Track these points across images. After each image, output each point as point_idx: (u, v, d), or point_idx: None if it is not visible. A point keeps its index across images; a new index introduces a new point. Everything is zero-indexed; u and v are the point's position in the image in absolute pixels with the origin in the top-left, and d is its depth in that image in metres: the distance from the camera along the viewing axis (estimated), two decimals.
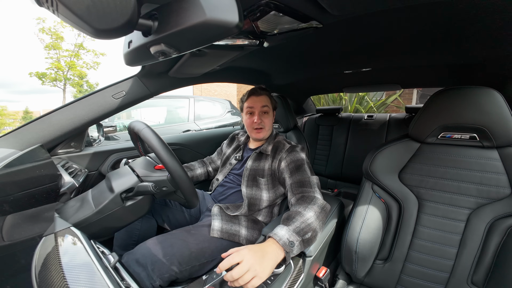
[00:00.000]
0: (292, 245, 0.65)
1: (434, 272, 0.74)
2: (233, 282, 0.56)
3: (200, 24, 0.39)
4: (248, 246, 0.62)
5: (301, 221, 0.71)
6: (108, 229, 0.74)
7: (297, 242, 0.67)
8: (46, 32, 12.75)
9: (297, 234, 0.68)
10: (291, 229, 0.69)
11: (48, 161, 0.81)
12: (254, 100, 1.06)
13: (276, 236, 0.66)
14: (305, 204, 0.78)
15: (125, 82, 0.97)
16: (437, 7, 0.55)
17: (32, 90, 65.42)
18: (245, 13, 0.55)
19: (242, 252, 0.60)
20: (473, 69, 1.01)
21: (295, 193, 0.86)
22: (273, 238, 0.66)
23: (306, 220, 0.71)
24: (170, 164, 0.70)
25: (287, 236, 0.66)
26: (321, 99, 3.61)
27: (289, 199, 0.88)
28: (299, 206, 0.78)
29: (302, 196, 0.83)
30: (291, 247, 0.65)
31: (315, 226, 0.72)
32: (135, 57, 0.57)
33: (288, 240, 0.66)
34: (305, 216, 0.73)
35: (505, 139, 0.69)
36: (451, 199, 0.75)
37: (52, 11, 0.32)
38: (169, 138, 1.51)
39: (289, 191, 0.90)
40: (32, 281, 0.48)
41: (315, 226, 0.72)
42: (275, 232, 0.68)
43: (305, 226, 0.70)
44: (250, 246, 0.62)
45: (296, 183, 0.89)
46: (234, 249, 0.63)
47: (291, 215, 0.74)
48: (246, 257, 0.58)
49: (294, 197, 0.85)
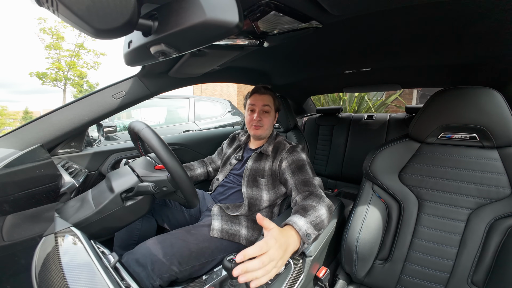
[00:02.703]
0: (309, 237, 0.63)
1: (434, 272, 0.74)
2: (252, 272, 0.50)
3: (200, 24, 0.39)
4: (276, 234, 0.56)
5: (316, 215, 0.69)
6: (108, 229, 0.74)
7: (313, 236, 0.65)
8: (47, 32, 12.78)
9: (314, 228, 0.66)
10: (308, 221, 0.66)
11: (48, 161, 0.81)
12: (256, 98, 1.07)
13: (296, 225, 0.63)
14: (317, 200, 0.76)
15: (125, 82, 0.97)
16: (437, 7, 0.55)
17: (33, 90, 65.53)
18: (245, 13, 0.55)
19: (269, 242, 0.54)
20: (473, 69, 1.01)
21: (301, 191, 0.85)
22: (293, 227, 0.63)
23: (320, 216, 0.70)
24: (170, 164, 0.70)
25: (305, 228, 0.64)
26: (321, 99, 3.61)
27: (293, 197, 0.86)
28: (312, 201, 0.75)
29: (310, 193, 0.82)
30: (308, 239, 0.63)
31: (326, 224, 0.71)
32: (135, 57, 0.57)
33: (306, 232, 0.64)
34: (319, 211, 0.71)
35: (505, 139, 0.69)
36: (451, 199, 0.75)
37: (52, 11, 0.32)
38: (169, 138, 1.51)
39: (294, 190, 0.88)
40: (32, 281, 0.48)
41: (326, 224, 0.71)
42: (295, 221, 0.65)
43: (320, 221, 0.69)
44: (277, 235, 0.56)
45: (301, 182, 0.89)
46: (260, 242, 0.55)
47: (306, 207, 0.72)
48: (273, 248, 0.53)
49: (301, 194, 0.83)
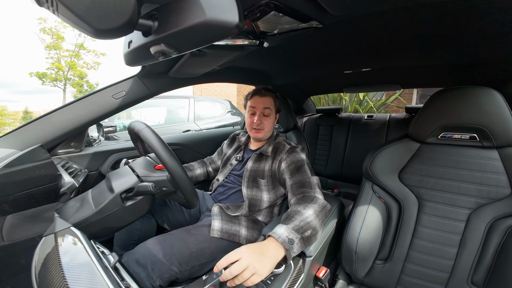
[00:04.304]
0: (291, 242, 0.65)
1: (434, 272, 0.74)
2: (232, 280, 0.55)
3: (200, 24, 0.39)
4: (247, 245, 0.62)
5: (300, 219, 0.71)
6: (108, 229, 0.74)
7: (296, 240, 0.66)
8: (47, 32, 12.78)
9: (296, 232, 0.68)
10: (290, 227, 0.68)
11: (48, 161, 0.81)
12: (257, 100, 1.06)
13: (275, 234, 0.66)
14: (304, 203, 0.78)
15: (125, 82, 0.97)
16: (437, 7, 0.55)
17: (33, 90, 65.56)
18: (245, 13, 0.55)
19: (240, 250, 0.59)
20: (473, 69, 1.01)
21: (296, 194, 0.86)
22: (272, 236, 0.66)
23: (305, 219, 0.71)
24: (170, 164, 0.70)
25: (286, 234, 0.66)
26: (321, 99, 3.61)
27: (289, 200, 0.88)
28: (299, 206, 0.78)
29: (303, 196, 0.83)
30: (291, 244, 0.65)
31: (315, 224, 0.72)
32: (135, 57, 0.57)
33: (287, 238, 0.65)
34: (304, 214, 0.73)
35: (505, 139, 0.69)
36: (451, 199, 0.75)
37: (52, 11, 0.32)
38: (169, 138, 1.51)
39: (290, 192, 0.90)
40: (32, 281, 0.48)
41: (314, 224, 0.72)
42: (274, 231, 0.68)
43: (304, 224, 0.70)
44: (249, 245, 0.62)
45: (297, 183, 0.89)
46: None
47: (290, 214, 0.74)
48: (244, 254, 0.57)
49: (295, 197, 0.85)
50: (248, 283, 0.55)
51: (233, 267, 0.55)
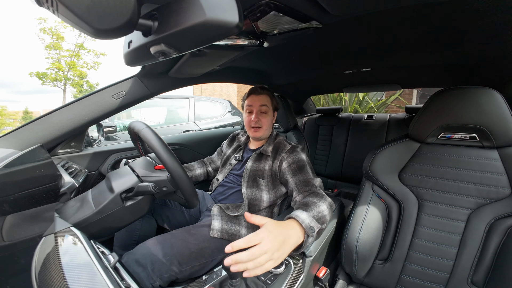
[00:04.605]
0: (312, 230, 0.64)
1: (434, 272, 0.74)
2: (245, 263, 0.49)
3: (200, 24, 0.39)
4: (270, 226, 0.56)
5: (318, 210, 0.70)
6: (108, 229, 0.74)
7: (317, 229, 0.65)
8: (47, 32, 12.78)
9: (317, 221, 0.67)
10: (310, 215, 0.67)
11: (48, 161, 0.81)
12: (253, 98, 1.07)
13: (298, 218, 0.64)
14: (318, 197, 0.78)
15: (125, 82, 0.97)
16: (437, 7, 0.55)
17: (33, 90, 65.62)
18: (245, 13, 0.55)
19: (261, 234, 0.53)
20: (473, 69, 1.01)
21: (303, 191, 0.85)
22: (296, 219, 0.63)
23: (322, 211, 0.71)
24: (170, 164, 0.70)
25: (308, 220, 0.65)
26: (321, 99, 3.61)
27: (294, 197, 0.87)
28: (313, 198, 0.77)
29: (311, 192, 0.82)
30: (312, 232, 0.64)
31: (327, 220, 0.72)
32: (135, 57, 0.57)
33: (309, 225, 0.64)
34: (321, 207, 0.72)
35: (505, 139, 0.69)
36: (451, 199, 0.75)
37: (52, 11, 0.32)
38: (169, 138, 1.51)
39: (295, 190, 0.89)
40: (32, 281, 0.48)
41: (327, 219, 0.72)
42: (297, 214, 0.65)
43: (321, 216, 0.70)
44: (271, 227, 0.55)
45: (301, 182, 0.89)
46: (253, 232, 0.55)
47: (307, 203, 0.73)
48: (265, 241, 0.52)
49: (302, 194, 0.84)
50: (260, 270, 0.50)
51: (254, 250, 0.50)
